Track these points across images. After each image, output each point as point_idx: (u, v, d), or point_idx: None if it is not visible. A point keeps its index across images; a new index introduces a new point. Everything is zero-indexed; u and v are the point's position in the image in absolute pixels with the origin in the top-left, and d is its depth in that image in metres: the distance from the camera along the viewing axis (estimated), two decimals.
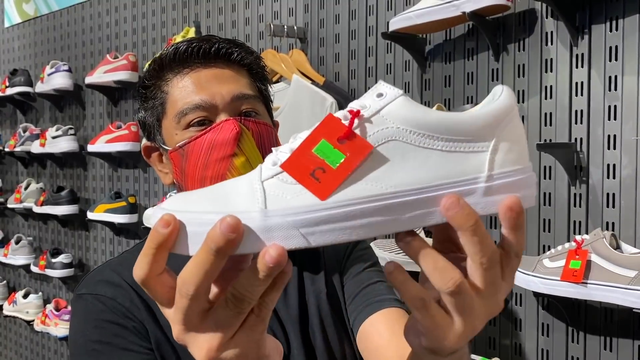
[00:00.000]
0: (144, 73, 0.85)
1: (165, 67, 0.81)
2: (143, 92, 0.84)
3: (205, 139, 0.77)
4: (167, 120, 0.81)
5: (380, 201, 0.40)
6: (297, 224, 0.39)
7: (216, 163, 0.77)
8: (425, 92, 1.52)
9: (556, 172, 1.27)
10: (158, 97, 0.82)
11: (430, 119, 0.41)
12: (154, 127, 0.83)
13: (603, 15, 1.20)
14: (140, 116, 0.86)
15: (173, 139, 0.80)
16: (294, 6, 1.83)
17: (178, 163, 0.80)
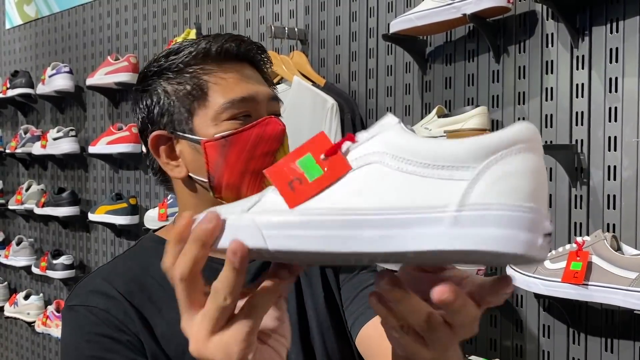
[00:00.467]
0: (169, 61, 0.79)
1: (207, 58, 0.79)
2: (171, 77, 0.79)
3: (253, 132, 0.77)
4: (205, 110, 0.78)
5: (341, 215, 0.39)
6: (261, 225, 0.41)
7: (261, 157, 0.77)
8: (425, 93, 1.52)
9: (557, 174, 1.27)
10: (195, 85, 0.78)
11: (415, 144, 0.40)
12: (181, 116, 0.79)
13: (603, 17, 1.20)
14: (160, 103, 0.80)
15: (209, 130, 0.77)
16: (294, 8, 1.83)
17: (214, 154, 0.77)
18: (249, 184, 0.78)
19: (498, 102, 1.37)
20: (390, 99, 1.60)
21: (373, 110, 1.63)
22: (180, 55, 0.79)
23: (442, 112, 1.41)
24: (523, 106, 1.33)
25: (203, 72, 0.79)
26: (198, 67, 0.79)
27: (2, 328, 3.27)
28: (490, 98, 1.38)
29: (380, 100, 1.62)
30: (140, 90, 0.82)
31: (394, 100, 1.59)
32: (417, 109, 1.54)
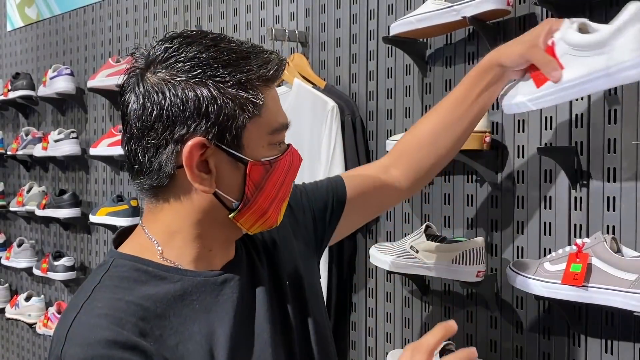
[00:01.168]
0: (246, 69, 0.73)
1: (264, 76, 0.74)
2: (228, 82, 0.71)
3: (287, 159, 0.78)
4: (257, 130, 0.73)
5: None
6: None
7: (285, 185, 0.78)
8: (426, 95, 1.52)
9: (557, 176, 1.27)
10: (254, 100, 0.72)
11: (579, 40, 0.93)
12: (232, 130, 0.71)
13: (603, 19, 1.21)
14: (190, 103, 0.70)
15: (258, 151, 0.74)
16: (295, 10, 1.84)
17: (257, 177, 0.74)
18: (273, 210, 0.78)
19: (498, 104, 1.37)
20: (391, 101, 1.60)
21: (373, 112, 1.64)
22: (251, 69, 0.72)
23: None
24: None
25: (263, 89, 0.73)
26: (260, 83, 0.73)
27: (3, 330, 3.27)
28: None
29: (380, 103, 1.62)
30: (184, 80, 0.70)
31: (394, 102, 1.59)
32: (418, 111, 1.54)
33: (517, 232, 1.34)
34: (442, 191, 1.49)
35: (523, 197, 1.33)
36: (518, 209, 1.34)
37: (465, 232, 1.44)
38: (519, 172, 1.34)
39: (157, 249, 0.77)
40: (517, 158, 1.34)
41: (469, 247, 1.30)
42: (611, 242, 1.10)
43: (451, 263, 1.32)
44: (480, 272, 1.30)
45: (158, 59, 0.72)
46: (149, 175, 0.74)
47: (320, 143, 1.60)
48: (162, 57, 0.72)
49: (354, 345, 1.71)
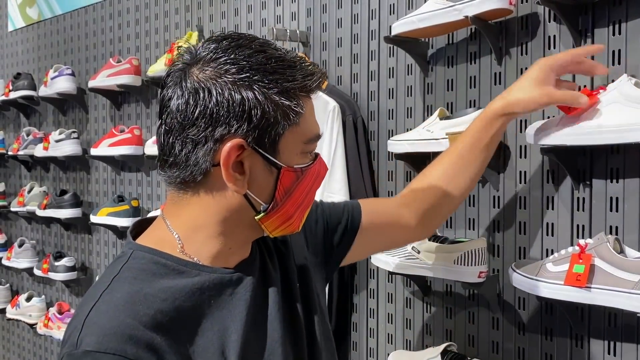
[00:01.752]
0: (293, 80, 0.74)
1: (309, 86, 0.76)
2: (273, 88, 0.72)
3: (316, 168, 0.81)
4: (294, 137, 0.75)
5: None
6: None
7: (313, 193, 0.82)
8: (427, 95, 1.52)
9: (559, 176, 1.27)
10: (293, 110, 0.74)
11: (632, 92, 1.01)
12: (271, 134, 0.73)
13: (606, 18, 1.20)
14: (237, 104, 0.71)
15: (292, 158, 0.76)
16: (296, 10, 1.83)
17: (288, 183, 0.77)
18: (297, 216, 0.81)
19: None
20: (392, 101, 1.59)
21: (375, 112, 1.63)
22: (297, 78, 0.74)
23: (444, 114, 1.41)
24: None
25: (302, 98, 0.76)
26: (301, 92, 0.75)
27: (4, 330, 3.27)
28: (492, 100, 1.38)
29: (382, 103, 1.62)
30: (232, 82, 0.71)
31: (395, 102, 1.59)
32: (419, 111, 1.53)
33: (520, 233, 1.34)
34: None
35: (525, 197, 1.32)
36: (520, 209, 1.33)
37: (467, 232, 1.44)
38: (521, 172, 1.33)
39: (178, 242, 0.78)
40: (520, 158, 1.33)
41: (470, 248, 1.29)
42: (614, 243, 1.10)
43: (453, 264, 1.31)
44: (482, 272, 1.30)
45: (206, 58, 0.73)
46: (183, 168, 0.75)
47: (322, 144, 1.60)
48: (210, 56, 0.73)
49: (355, 346, 1.70)
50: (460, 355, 1.37)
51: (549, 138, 1.15)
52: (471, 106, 1.41)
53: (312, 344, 0.86)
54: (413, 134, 1.44)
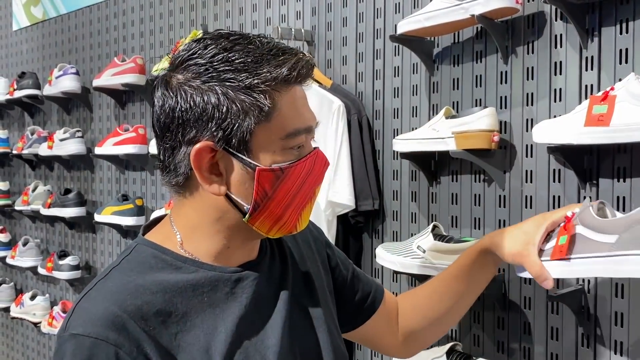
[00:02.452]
0: (254, 73, 0.72)
1: (279, 80, 0.72)
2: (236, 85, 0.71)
3: (305, 165, 0.75)
4: (267, 135, 0.72)
5: None
6: None
7: (305, 192, 0.77)
8: (433, 94, 1.51)
9: (566, 176, 1.26)
10: (265, 105, 0.71)
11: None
12: (238, 134, 0.72)
13: (613, 17, 1.20)
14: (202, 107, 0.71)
15: (265, 156, 0.73)
16: (301, 9, 1.83)
17: (266, 184, 0.73)
18: (289, 217, 0.77)
19: (506, 103, 1.37)
20: (397, 100, 1.59)
21: (380, 111, 1.63)
22: (261, 72, 0.71)
23: (449, 113, 1.41)
24: (531, 107, 1.32)
25: (276, 93, 0.72)
26: (273, 88, 0.72)
27: (8, 328, 3.28)
28: (498, 99, 1.38)
29: (387, 102, 1.61)
30: (187, 85, 0.72)
31: (400, 101, 1.58)
32: (425, 110, 1.53)
33: None
34: (449, 191, 1.48)
35: (531, 197, 1.32)
36: (526, 209, 1.33)
37: (473, 232, 1.43)
38: (528, 171, 1.33)
39: (178, 240, 0.79)
40: (526, 157, 1.33)
41: None
42: (598, 207, 0.96)
43: None
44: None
45: (179, 61, 0.75)
46: (169, 173, 0.77)
47: (326, 142, 1.60)
48: (182, 59, 0.74)
49: (360, 345, 1.70)
50: (466, 355, 1.36)
51: (555, 137, 1.14)
52: (477, 105, 1.41)
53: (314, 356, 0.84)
54: (419, 133, 1.44)
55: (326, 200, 1.58)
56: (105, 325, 0.68)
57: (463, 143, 1.33)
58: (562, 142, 1.14)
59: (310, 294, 0.87)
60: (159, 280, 0.74)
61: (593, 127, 1.09)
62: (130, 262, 0.77)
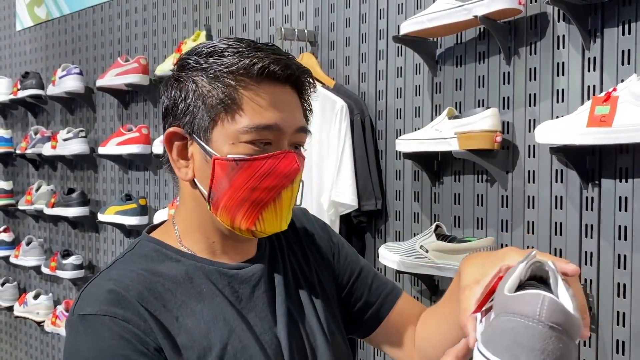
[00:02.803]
0: (215, 64, 0.75)
1: (242, 71, 0.75)
2: (202, 80, 0.76)
3: (265, 163, 0.75)
4: (228, 125, 0.75)
5: None
6: None
7: (264, 191, 0.76)
8: (436, 95, 1.52)
9: (568, 176, 1.27)
10: (225, 96, 0.74)
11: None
12: (203, 121, 0.76)
13: (615, 18, 1.20)
14: (185, 101, 0.77)
15: (225, 147, 0.75)
16: (304, 10, 1.84)
17: (220, 173, 0.75)
18: (245, 213, 0.76)
19: (509, 103, 1.37)
20: (400, 101, 1.60)
21: (383, 111, 1.64)
22: (224, 61, 0.75)
23: (452, 113, 1.41)
24: (534, 108, 1.33)
25: (240, 86, 0.75)
26: (236, 80, 0.75)
27: (12, 327, 3.29)
28: (500, 100, 1.38)
29: (390, 102, 1.62)
30: (174, 78, 0.79)
31: (403, 101, 1.59)
32: (427, 110, 1.54)
33: (528, 232, 1.34)
34: (452, 191, 1.48)
35: (534, 197, 1.33)
36: (529, 209, 1.34)
37: (475, 232, 1.44)
38: (530, 171, 1.33)
39: (177, 235, 0.83)
40: (528, 158, 1.33)
41: (479, 247, 1.30)
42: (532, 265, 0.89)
43: None
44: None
45: (179, 63, 0.81)
46: (165, 161, 0.83)
47: (329, 143, 1.60)
48: (182, 61, 0.80)
49: (362, 344, 1.70)
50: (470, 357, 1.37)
51: (557, 137, 1.15)
52: (480, 106, 1.42)
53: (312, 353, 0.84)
54: (421, 133, 1.45)
55: (329, 200, 1.58)
56: (111, 303, 0.71)
57: (465, 143, 1.33)
58: (564, 142, 1.14)
59: (309, 291, 0.87)
60: (160, 271, 0.78)
61: (595, 127, 1.10)
62: (133, 256, 0.81)
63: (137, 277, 0.76)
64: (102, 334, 0.70)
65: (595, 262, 1.24)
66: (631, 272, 1.18)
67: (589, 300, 1.24)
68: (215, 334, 0.76)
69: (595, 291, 1.23)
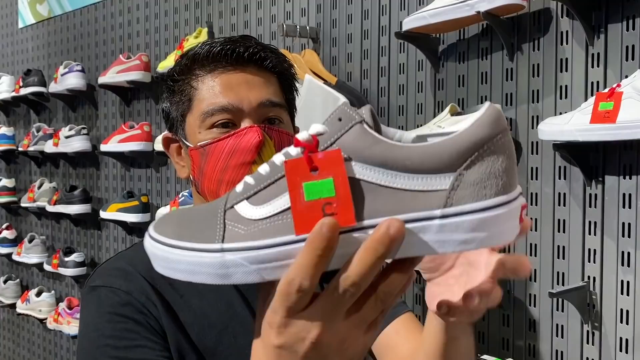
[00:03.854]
0: (175, 66, 0.85)
1: (197, 64, 0.81)
2: (171, 85, 0.84)
3: (227, 143, 0.79)
4: (192, 117, 0.81)
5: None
6: None
7: (234, 168, 0.79)
8: (438, 92, 1.51)
9: (571, 172, 1.26)
10: (186, 92, 0.82)
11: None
12: (177, 120, 0.84)
13: (619, 14, 1.19)
14: (165, 107, 0.86)
15: (195, 137, 0.81)
16: (306, 6, 1.83)
17: (197, 161, 0.81)
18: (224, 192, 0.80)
19: (512, 100, 1.37)
20: (403, 97, 1.59)
21: (385, 108, 1.63)
22: (181, 61, 0.83)
23: (455, 110, 1.41)
24: (537, 104, 1.32)
25: (192, 78, 0.81)
26: (190, 74, 0.81)
27: (14, 325, 3.29)
28: (503, 96, 1.38)
29: (392, 99, 1.61)
30: (165, 91, 0.87)
31: (406, 98, 1.58)
32: (430, 107, 1.53)
33: (530, 230, 1.33)
34: None
35: (537, 194, 1.32)
36: (531, 206, 1.33)
37: None
38: (533, 168, 1.33)
39: None
40: (531, 154, 1.33)
41: None
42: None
43: None
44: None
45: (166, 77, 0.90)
46: None
47: None
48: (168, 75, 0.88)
49: None
50: None
51: (561, 134, 1.14)
52: (482, 102, 1.41)
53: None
54: (424, 129, 1.44)
55: None
56: (117, 276, 0.78)
57: None
58: (567, 139, 1.14)
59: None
60: None
61: (599, 124, 1.09)
62: (141, 245, 0.82)
63: (144, 257, 0.77)
64: (104, 302, 0.76)
65: (598, 259, 1.23)
66: (635, 269, 1.18)
67: (592, 298, 1.23)
68: (217, 314, 0.78)
69: (599, 289, 1.22)
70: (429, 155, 0.40)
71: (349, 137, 0.41)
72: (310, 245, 0.39)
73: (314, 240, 0.39)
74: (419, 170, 0.40)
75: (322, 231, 0.39)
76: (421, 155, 0.40)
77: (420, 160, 0.40)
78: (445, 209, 0.39)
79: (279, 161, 0.42)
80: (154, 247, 0.47)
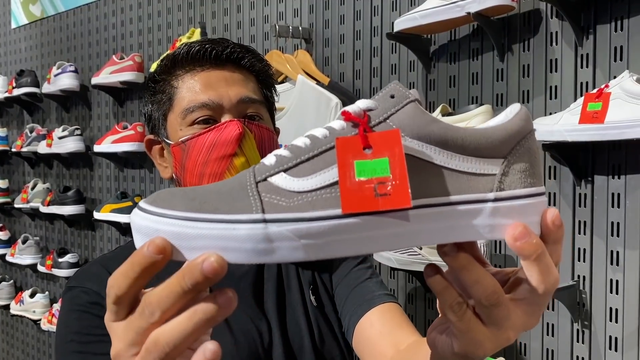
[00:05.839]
0: (156, 68, 0.87)
1: (177, 64, 0.84)
2: (152, 86, 0.86)
3: (208, 137, 0.80)
4: (173, 116, 0.83)
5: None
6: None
7: (216, 161, 0.80)
8: (430, 92, 1.52)
9: (561, 172, 1.27)
10: (166, 92, 0.84)
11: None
12: (159, 120, 0.85)
13: (608, 15, 1.20)
14: (147, 109, 0.88)
15: (177, 134, 0.82)
16: (299, 7, 1.84)
17: (179, 157, 0.82)
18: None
19: (502, 100, 1.37)
20: None
21: None
22: (162, 62, 0.85)
23: (446, 110, 1.41)
24: (527, 105, 1.33)
25: (172, 78, 0.83)
26: (170, 74, 0.84)
27: (8, 326, 3.29)
28: (494, 96, 1.39)
29: None
30: (147, 93, 0.88)
31: None
32: None
33: None
34: None
35: None
36: None
37: None
38: None
39: None
40: None
41: None
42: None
43: None
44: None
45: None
46: None
47: None
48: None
49: None
50: None
51: (550, 134, 1.15)
52: (473, 102, 1.42)
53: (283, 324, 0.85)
54: None
55: None
56: (89, 279, 0.81)
57: None
58: (557, 139, 1.15)
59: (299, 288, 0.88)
60: None
61: (588, 124, 1.10)
62: (124, 247, 0.90)
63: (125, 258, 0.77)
64: (75, 301, 0.79)
65: (588, 258, 1.24)
66: (624, 268, 1.19)
67: (582, 297, 1.24)
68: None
69: (589, 288, 1.23)
70: (485, 139, 0.40)
71: (404, 115, 0.40)
72: (134, 258, 0.38)
73: (137, 254, 0.37)
74: (474, 153, 0.40)
75: (146, 251, 0.37)
76: (478, 138, 0.40)
77: (477, 142, 0.40)
78: (498, 192, 0.39)
79: (320, 134, 0.40)
80: (158, 223, 0.37)
